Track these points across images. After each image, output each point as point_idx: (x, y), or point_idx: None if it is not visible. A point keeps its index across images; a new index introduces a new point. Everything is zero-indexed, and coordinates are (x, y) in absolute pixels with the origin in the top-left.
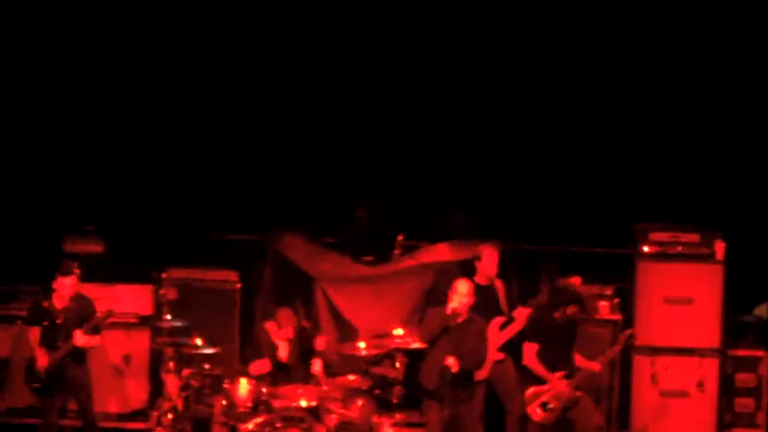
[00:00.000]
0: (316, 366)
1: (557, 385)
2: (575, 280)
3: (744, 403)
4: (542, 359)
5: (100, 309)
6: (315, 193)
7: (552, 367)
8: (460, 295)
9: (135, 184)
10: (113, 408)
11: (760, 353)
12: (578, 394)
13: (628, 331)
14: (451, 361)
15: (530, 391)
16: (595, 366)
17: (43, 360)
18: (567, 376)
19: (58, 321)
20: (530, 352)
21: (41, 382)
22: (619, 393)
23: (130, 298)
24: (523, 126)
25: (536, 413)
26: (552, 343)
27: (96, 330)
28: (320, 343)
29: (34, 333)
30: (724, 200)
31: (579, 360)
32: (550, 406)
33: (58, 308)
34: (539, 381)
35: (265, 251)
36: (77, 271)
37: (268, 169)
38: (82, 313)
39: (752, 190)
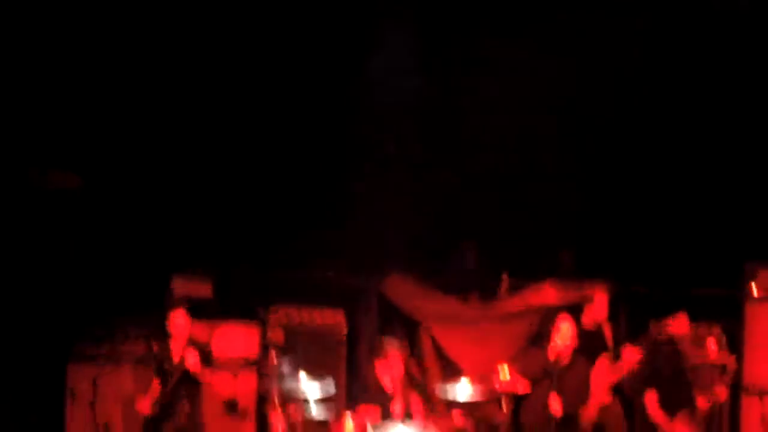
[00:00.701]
0: (413, 403)
1: (680, 430)
2: (681, 319)
3: None
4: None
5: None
6: (420, 232)
7: (672, 411)
8: (564, 337)
9: (241, 225)
10: None
11: None
12: None
13: (734, 367)
14: (555, 405)
15: None
16: (702, 403)
17: (147, 402)
18: (689, 419)
19: (174, 362)
20: (652, 401)
21: (156, 416)
22: None
23: (237, 341)
24: (633, 166)
25: None
26: (671, 386)
27: (205, 359)
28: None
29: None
30: None
31: (699, 401)
32: None
33: (171, 349)
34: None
35: (370, 292)
36: (185, 308)
37: (373, 210)
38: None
39: None
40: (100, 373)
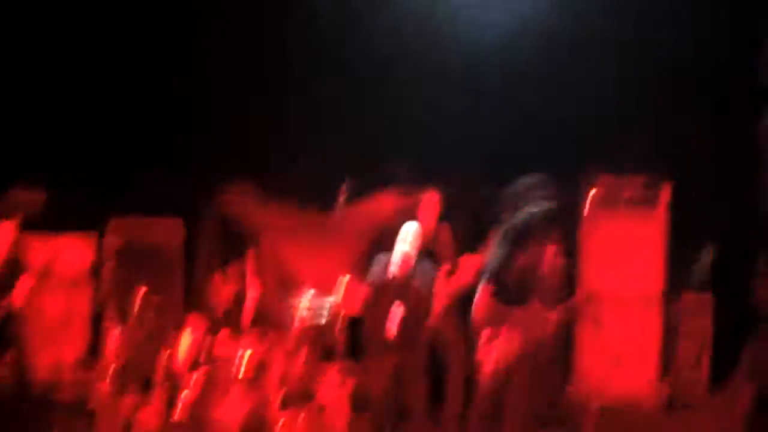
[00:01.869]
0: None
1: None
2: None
3: (688, 348)
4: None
5: (40, 261)
6: (261, 142)
7: None
8: (407, 242)
9: (78, 133)
10: (54, 362)
11: (704, 299)
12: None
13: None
14: (398, 310)
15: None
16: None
17: None
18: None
19: None
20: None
21: None
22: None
23: (72, 251)
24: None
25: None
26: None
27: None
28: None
29: None
30: (668, 146)
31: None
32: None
33: None
34: None
35: (209, 201)
36: (12, 222)
37: (212, 118)
38: (18, 269)
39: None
40: None
